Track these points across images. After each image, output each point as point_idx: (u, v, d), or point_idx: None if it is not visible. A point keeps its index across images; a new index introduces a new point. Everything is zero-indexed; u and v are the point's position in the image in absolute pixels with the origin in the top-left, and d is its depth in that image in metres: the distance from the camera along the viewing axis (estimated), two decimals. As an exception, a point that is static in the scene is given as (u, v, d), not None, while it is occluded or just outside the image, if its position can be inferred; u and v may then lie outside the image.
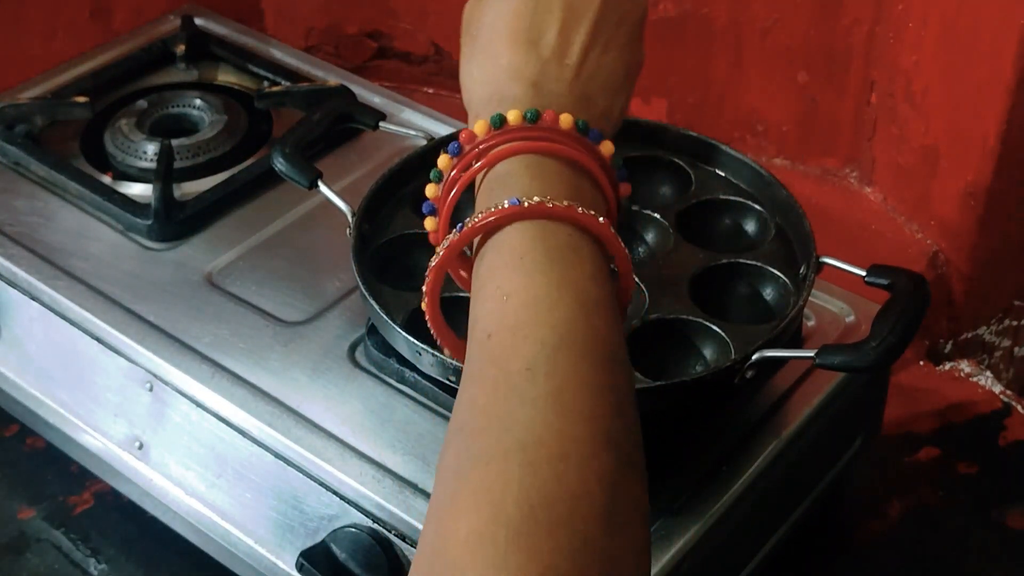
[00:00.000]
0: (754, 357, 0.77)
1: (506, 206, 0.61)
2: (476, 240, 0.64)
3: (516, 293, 0.60)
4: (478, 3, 0.72)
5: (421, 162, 0.93)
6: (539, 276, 0.60)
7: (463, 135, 0.66)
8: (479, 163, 0.65)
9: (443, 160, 0.67)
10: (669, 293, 0.84)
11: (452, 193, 0.67)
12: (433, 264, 0.66)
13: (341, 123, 0.98)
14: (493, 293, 0.60)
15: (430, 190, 0.69)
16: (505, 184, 0.64)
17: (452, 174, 0.67)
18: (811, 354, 0.75)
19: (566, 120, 0.65)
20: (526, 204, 0.61)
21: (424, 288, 0.68)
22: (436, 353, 0.78)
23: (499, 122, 0.65)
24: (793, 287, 0.85)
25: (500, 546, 0.51)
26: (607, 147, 0.66)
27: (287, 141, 0.92)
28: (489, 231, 0.63)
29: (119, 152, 1.06)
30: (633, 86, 0.72)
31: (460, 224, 0.64)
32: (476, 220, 0.63)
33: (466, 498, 0.53)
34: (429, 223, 0.70)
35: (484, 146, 0.65)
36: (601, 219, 0.63)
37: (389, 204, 0.92)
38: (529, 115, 0.64)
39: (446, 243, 0.65)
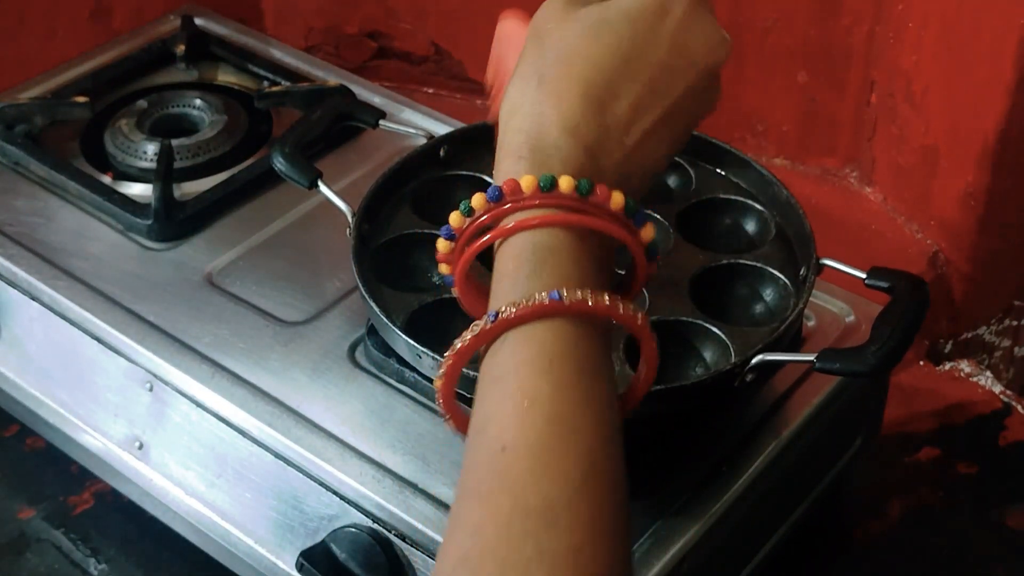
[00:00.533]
0: (754, 361, 0.77)
1: (547, 301, 0.57)
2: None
3: (540, 403, 0.56)
4: (564, 19, 0.65)
5: (421, 161, 0.93)
6: (567, 391, 0.56)
7: (507, 185, 0.61)
8: (513, 223, 0.61)
9: (478, 200, 0.62)
10: (669, 294, 0.84)
11: (480, 241, 0.63)
12: (457, 348, 0.61)
13: (341, 122, 0.98)
14: (513, 393, 0.56)
15: (455, 219, 0.64)
16: (544, 261, 0.59)
17: (484, 217, 0.62)
18: (811, 358, 0.75)
19: (617, 200, 0.61)
20: (567, 301, 0.57)
21: (442, 371, 0.62)
22: (436, 356, 0.78)
23: (549, 185, 0.60)
24: (793, 288, 0.85)
25: None
26: (648, 232, 0.63)
27: (287, 141, 0.92)
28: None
29: (119, 152, 1.06)
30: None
31: (494, 313, 0.58)
32: (512, 312, 0.57)
33: None
34: (443, 245, 0.66)
35: (527, 204, 0.61)
36: (640, 317, 0.60)
37: (389, 204, 0.92)
38: (583, 187, 0.60)
39: (475, 330, 0.59)
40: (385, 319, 0.81)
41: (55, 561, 0.96)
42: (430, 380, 0.83)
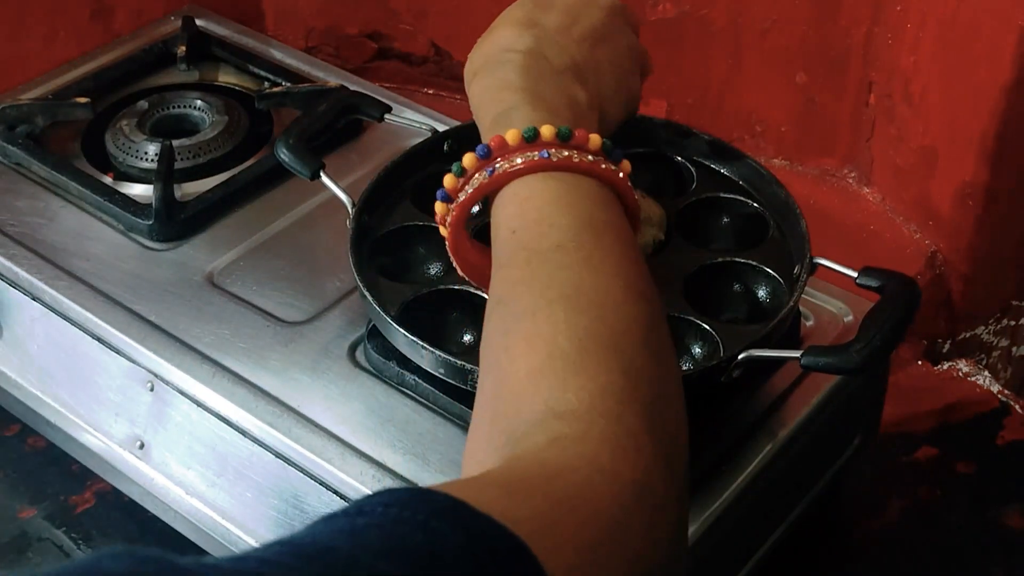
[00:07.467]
0: (740, 357, 0.77)
1: (537, 158, 0.65)
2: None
3: (536, 195, 0.65)
4: (477, 47, 0.76)
5: (424, 155, 0.93)
6: (555, 183, 0.65)
7: (494, 141, 0.67)
8: (501, 171, 0.67)
9: (468, 159, 0.69)
10: (663, 291, 0.84)
11: (470, 192, 0.69)
12: (460, 200, 0.70)
13: (346, 115, 0.98)
14: (512, 199, 0.65)
15: (448, 180, 0.71)
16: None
17: (475, 175, 0.69)
18: (797, 355, 0.75)
19: (595, 141, 0.67)
20: (555, 159, 0.65)
21: (449, 222, 0.71)
22: (430, 348, 0.78)
23: (533, 135, 0.66)
24: (787, 287, 0.85)
25: (559, 374, 0.56)
26: (625, 166, 0.69)
27: (291, 132, 0.92)
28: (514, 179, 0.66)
29: (120, 153, 1.07)
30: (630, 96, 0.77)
31: (491, 168, 0.67)
32: (506, 169, 0.66)
33: (519, 345, 0.58)
34: (440, 207, 0.72)
35: (513, 156, 0.67)
36: (621, 174, 0.68)
37: (391, 197, 0.92)
38: (563, 133, 0.66)
39: (475, 184, 0.68)
40: (380, 309, 0.81)
41: (57, 560, 0.97)
42: (430, 381, 0.84)
